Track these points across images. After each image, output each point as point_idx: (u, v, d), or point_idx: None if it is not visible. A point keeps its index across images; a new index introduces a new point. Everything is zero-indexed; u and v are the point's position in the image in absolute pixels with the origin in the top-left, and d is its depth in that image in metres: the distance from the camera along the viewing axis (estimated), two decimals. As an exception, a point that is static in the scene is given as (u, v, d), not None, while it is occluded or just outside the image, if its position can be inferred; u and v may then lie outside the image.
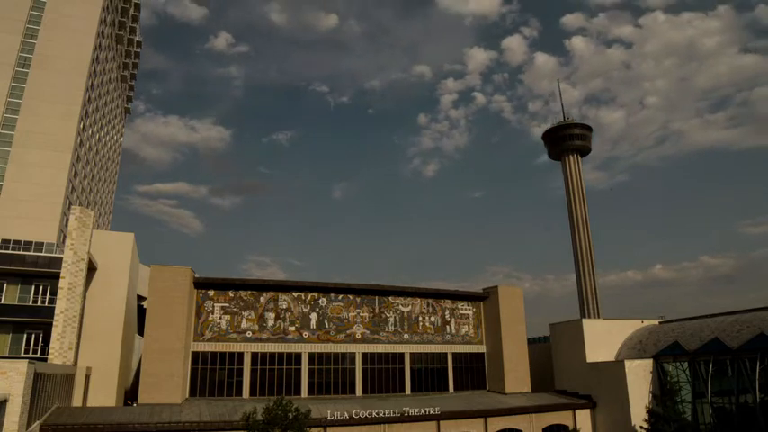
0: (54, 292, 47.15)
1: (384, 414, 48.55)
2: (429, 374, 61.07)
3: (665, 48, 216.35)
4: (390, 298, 61.38)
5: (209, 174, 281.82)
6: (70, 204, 67.47)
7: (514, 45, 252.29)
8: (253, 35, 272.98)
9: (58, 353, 44.69)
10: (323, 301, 58.02)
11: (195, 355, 51.74)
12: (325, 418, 46.02)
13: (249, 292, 55.36)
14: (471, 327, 65.57)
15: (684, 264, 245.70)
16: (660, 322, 67.60)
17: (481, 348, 65.42)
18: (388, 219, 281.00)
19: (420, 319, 62.47)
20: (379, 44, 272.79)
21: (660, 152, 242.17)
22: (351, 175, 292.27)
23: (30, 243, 49.17)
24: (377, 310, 60.29)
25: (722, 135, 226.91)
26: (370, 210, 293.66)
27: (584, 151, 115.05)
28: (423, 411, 49.94)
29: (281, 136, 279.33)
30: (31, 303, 48.59)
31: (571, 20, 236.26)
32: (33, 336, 48.56)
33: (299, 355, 55.19)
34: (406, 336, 60.99)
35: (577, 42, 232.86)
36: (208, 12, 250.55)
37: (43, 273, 48.28)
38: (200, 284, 53.64)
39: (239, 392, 51.91)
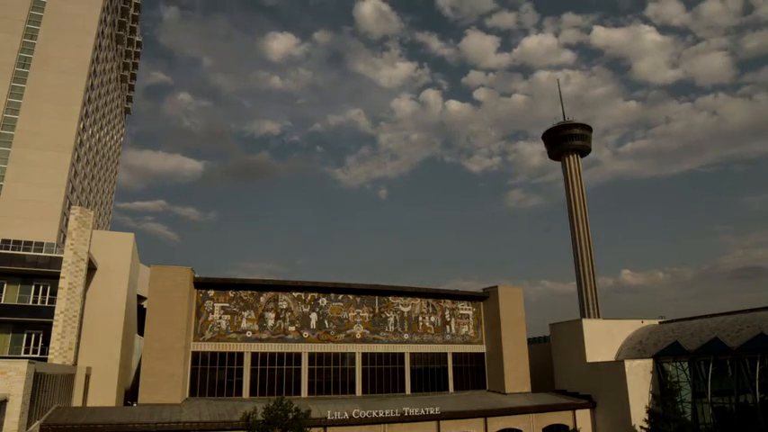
0: (54, 292, 47.16)
1: (384, 414, 48.56)
2: (429, 374, 61.07)
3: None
4: (390, 298, 61.38)
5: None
6: (70, 204, 67.46)
7: (431, 96, 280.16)
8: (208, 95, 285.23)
9: (58, 353, 44.69)
10: (323, 301, 58.01)
11: (195, 355, 51.74)
12: (325, 418, 46.03)
13: (249, 292, 55.36)
14: (471, 327, 65.57)
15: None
16: (660, 322, 67.62)
17: (481, 348, 65.41)
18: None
19: (420, 319, 62.47)
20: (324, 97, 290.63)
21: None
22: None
23: (30, 243, 49.16)
24: (377, 310, 60.29)
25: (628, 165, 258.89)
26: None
27: (584, 151, 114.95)
28: (423, 411, 49.95)
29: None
30: (31, 303, 48.60)
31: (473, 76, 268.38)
32: (33, 336, 48.57)
33: (299, 355, 55.19)
34: (406, 336, 60.99)
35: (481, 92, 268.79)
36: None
37: (43, 273, 48.27)
38: (201, 284, 53.64)
39: (239, 392, 51.91)
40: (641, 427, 51.87)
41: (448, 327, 63.95)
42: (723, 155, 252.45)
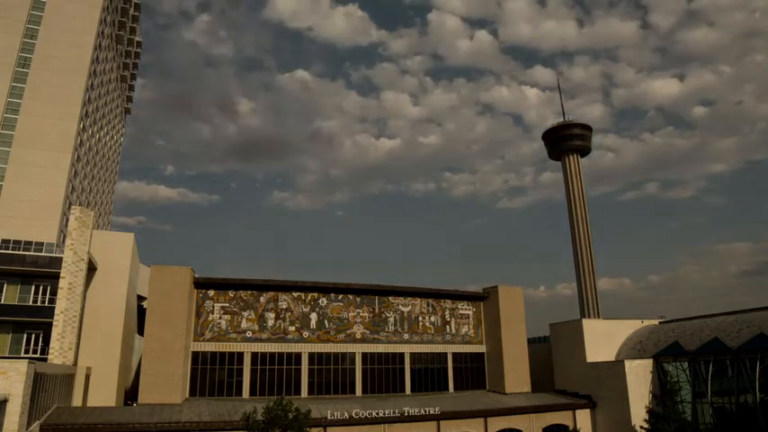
0: (54, 292, 47.13)
1: (384, 414, 48.55)
2: (429, 374, 61.06)
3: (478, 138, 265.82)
4: (390, 298, 61.37)
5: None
6: (70, 204, 67.43)
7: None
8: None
9: (58, 353, 44.66)
10: (323, 301, 58.00)
11: (195, 355, 51.73)
12: (325, 418, 46.02)
13: (249, 292, 55.35)
14: (471, 327, 65.57)
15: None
16: (660, 322, 67.62)
17: (481, 348, 65.41)
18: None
19: (420, 319, 62.46)
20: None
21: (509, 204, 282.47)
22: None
23: (30, 243, 49.17)
24: (377, 310, 60.28)
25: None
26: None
27: (584, 151, 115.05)
28: (423, 411, 49.95)
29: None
30: (31, 303, 48.59)
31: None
32: (33, 336, 48.56)
33: (299, 355, 55.19)
34: (406, 336, 60.98)
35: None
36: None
37: (43, 273, 48.26)
38: (200, 284, 53.63)
39: (239, 392, 51.91)
40: (641, 427, 51.86)
41: (448, 327, 63.95)
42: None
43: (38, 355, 46.23)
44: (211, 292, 54.07)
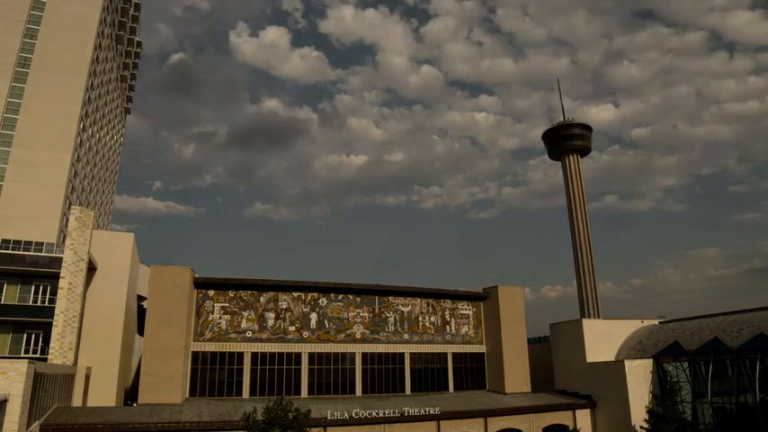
0: (54, 292, 47.12)
1: (384, 414, 48.55)
2: (429, 374, 61.07)
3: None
4: (390, 298, 61.37)
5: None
6: (70, 204, 67.40)
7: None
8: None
9: (58, 353, 44.66)
10: (323, 301, 58.01)
11: (195, 355, 51.73)
12: (326, 418, 46.02)
13: (249, 292, 55.35)
14: (471, 327, 65.57)
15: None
16: (660, 322, 67.61)
17: (481, 348, 65.41)
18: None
19: (420, 319, 62.47)
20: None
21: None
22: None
23: (30, 243, 49.11)
24: (377, 310, 60.28)
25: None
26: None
27: (584, 151, 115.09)
28: (423, 411, 49.94)
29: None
30: (31, 303, 48.54)
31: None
32: (33, 336, 48.53)
33: (299, 355, 55.19)
34: (406, 336, 60.98)
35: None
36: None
37: (43, 273, 48.22)
38: (200, 284, 53.63)
39: (239, 392, 51.91)
40: (641, 427, 51.85)
41: (448, 327, 63.94)
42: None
43: (38, 355, 46.21)
44: (211, 292, 54.07)
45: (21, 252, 48.45)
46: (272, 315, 55.48)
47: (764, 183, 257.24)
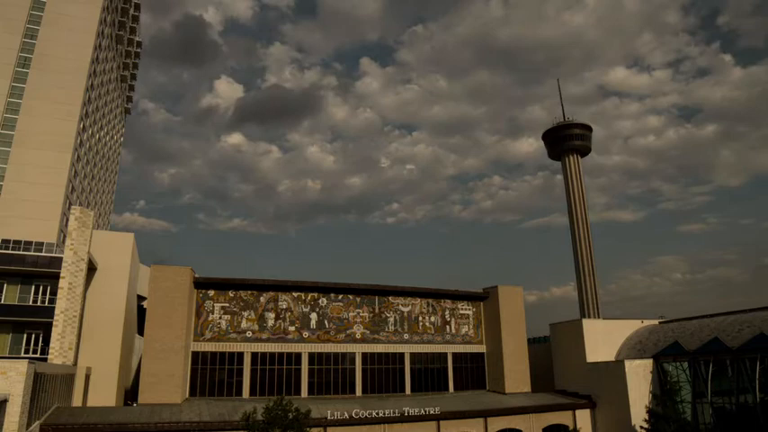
0: (54, 292, 47.16)
1: (384, 414, 48.55)
2: (429, 374, 61.06)
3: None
4: (390, 298, 61.37)
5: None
6: (70, 204, 67.47)
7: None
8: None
9: (58, 353, 44.69)
10: (323, 301, 58.02)
11: (195, 355, 51.73)
12: (325, 418, 46.03)
13: (249, 292, 55.35)
14: (471, 327, 65.57)
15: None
16: (660, 322, 67.61)
17: (481, 348, 65.41)
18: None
19: (420, 319, 62.47)
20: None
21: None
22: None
23: (30, 243, 49.14)
24: (377, 310, 60.29)
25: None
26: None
27: (584, 151, 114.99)
28: (423, 411, 49.94)
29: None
30: (31, 303, 48.60)
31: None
32: (33, 336, 48.59)
33: (299, 355, 55.19)
34: (406, 336, 60.99)
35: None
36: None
37: (43, 273, 48.27)
38: (201, 284, 53.63)
39: (239, 392, 51.91)
40: (641, 427, 51.84)
41: (448, 327, 63.95)
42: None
43: (38, 355, 46.27)
44: (211, 292, 54.08)
45: (21, 252, 48.49)
46: (272, 315, 55.49)
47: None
